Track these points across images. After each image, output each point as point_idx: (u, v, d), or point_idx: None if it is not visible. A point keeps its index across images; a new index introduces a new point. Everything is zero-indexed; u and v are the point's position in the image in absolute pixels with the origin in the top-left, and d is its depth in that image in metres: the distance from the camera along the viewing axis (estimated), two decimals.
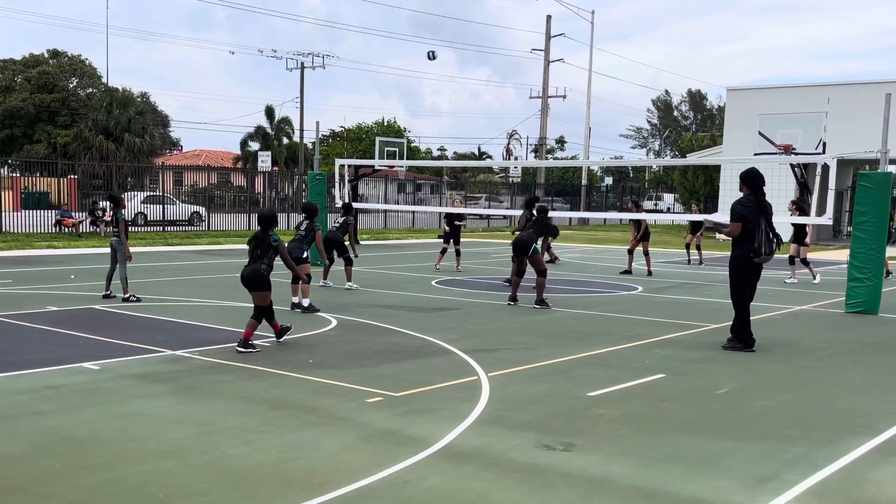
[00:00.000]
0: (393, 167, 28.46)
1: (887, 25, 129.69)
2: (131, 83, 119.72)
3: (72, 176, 32.78)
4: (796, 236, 17.58)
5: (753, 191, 9.33)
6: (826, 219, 15.26)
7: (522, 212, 15.79)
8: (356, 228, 16.07)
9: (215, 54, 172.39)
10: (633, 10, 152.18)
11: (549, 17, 54.01)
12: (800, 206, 18.58)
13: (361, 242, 22.94)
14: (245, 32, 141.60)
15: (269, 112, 58.63)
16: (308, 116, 76.98)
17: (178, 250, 23.54)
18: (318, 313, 11.41)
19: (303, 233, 12.05)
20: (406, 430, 5.94)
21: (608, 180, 70.15)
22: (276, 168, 53.54)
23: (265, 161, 40.45)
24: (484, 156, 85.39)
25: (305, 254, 11.87)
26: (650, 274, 18.19)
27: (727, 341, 9.57)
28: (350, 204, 15.81)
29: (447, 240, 18.70)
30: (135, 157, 45.08)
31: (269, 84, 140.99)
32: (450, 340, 9.55)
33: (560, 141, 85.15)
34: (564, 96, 56.13)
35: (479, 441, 5.74)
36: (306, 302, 11.57)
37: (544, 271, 12.83)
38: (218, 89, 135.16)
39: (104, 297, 12.48)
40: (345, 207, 15.58)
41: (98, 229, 27.42)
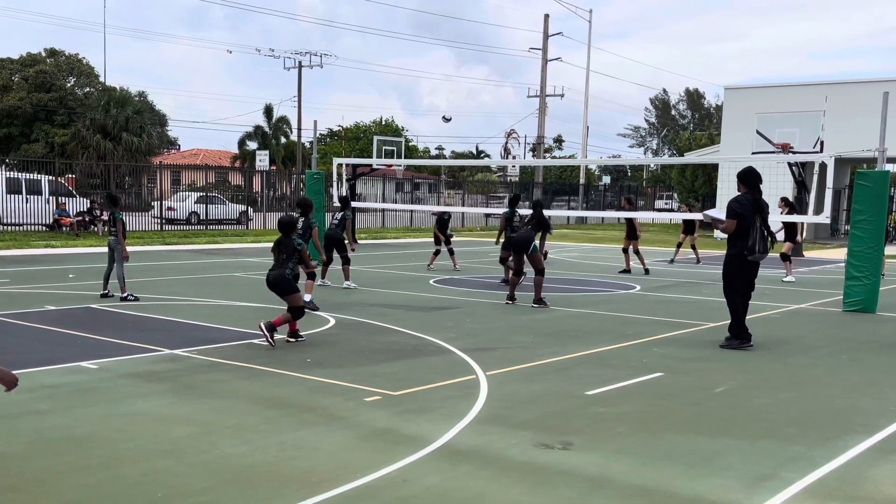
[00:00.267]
0: (391, 166, 28.51)
1: (886, 24, 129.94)
2: (129, 82, 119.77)
3: (69, 175, 32.73)
4: (788, 234, 17.59)
5: (750, 189, 9.40)
6: (824, 217, 15.27)
7: (504, 211, 15.72)
8: (354, 224, 15.97)
9: (213, 53, 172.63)
10: (631, 9, 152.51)
11: (547, 16, 54.18)
12: (790, 204, 18.61)
13: (360, 242, 22.93)
14: (243, 32, 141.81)
15: (268, 111, 58.69)
16: (306, 115, 76.93)
17: (177, 250, 23.53)
18: (317, 312, 11.40)
19: (300, 230, 12.02)
20: (404, 429, 5.94)
21: (606, 179, 70.10)
22: (274, 167, 53.55)
23: (263, 160, 40.41)
24: (482, 155, 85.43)
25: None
26: (647, 272, 18.20)
27: (725, 340, 9.58)
28: (347, 197, 15.67)
29: (438, 241, 18.73)
30: (132, 157, 45.01)
31: (267, 83, 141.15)
32: (448, 339, 9.55)
33: (558, 140, 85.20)
34: (562, 95, 56.12)
35: (478, 440, 5.74)
36: (308, 297, 11.57)
37: (542, 270, 12.83)
38: (216, 88, 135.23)
39: (102, 297, 12.48)
40: (342, 201, 15.42)
41: (96, 228, 27.42)
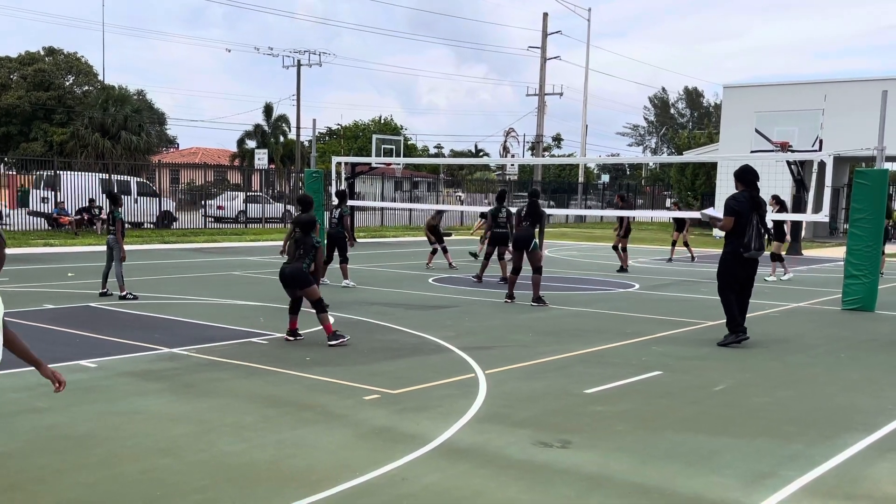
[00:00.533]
0: (389, 165, 28.45)
1: (885, 23, 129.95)
2: (128, 81, 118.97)
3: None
4: (776, 233, 17.59)
5: (748, 187, 9.45)
6: (822, 216, 15.28)
7: (490, 208, 15.65)
8: (353, 221, 15.90)
9: (212, 52, 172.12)
10: (630, 8, 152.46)
11: (546, 15, 54.07)
12: (781, 202, 18.59)
13: (358, 240, 22.94)
14: (242, 30, 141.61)
15: (268, 110, 58.60)
16: (305, 114, 76.77)
17: (176, 248, 23.52)
18: None
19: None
20: (403, 428, 5.94)
21: (605, 178, 70.10)
22: (273, 166, 53.49)
23: (262, 159, 40.36)
24: (481, 153, 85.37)
25: None
26: (625, 270, 18.23)
27: (724, 338, 9.59)
28: (344, 192, 15.56)
29: (431, 240, 18.74)
30: (131, 155, 44.96)
31: (266, 82, 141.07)
32: (447, 338, 9.55)
33: (557, 138, 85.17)
34: (561, 94, 56.11)
35: (476, 438, 5.74)
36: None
37: (540, 268, 12.82)
38: (214, 87, 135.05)
39: (101, 295, 12.48)
40: (338, 196, 15.35)
41: (95, 227, 27.41)
